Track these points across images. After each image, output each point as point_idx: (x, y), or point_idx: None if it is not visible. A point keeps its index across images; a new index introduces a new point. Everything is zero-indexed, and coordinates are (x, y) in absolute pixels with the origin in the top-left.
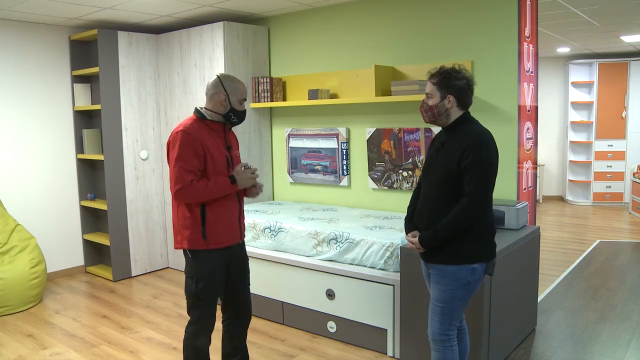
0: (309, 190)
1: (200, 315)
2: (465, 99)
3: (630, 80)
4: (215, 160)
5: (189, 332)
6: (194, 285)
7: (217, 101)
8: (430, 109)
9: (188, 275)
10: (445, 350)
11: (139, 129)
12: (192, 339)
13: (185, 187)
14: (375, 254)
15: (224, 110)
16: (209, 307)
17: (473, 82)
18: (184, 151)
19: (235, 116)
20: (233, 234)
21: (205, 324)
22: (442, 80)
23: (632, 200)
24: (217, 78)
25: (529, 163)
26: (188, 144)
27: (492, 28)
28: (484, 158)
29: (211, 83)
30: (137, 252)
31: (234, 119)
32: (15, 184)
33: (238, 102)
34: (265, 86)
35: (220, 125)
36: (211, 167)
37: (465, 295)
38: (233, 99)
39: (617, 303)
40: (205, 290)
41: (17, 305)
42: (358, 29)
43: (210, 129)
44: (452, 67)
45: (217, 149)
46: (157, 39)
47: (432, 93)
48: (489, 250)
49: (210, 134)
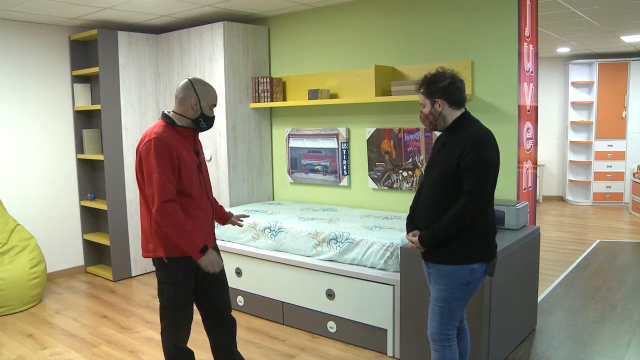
0: (309, 190)
1: (179, 317)
2: (453, 97)
3: (630, 80)
4: (188, 167)
5: (168, 334)
6: (172, 290)
7: (188, 105)
8: (427, 117)
9: (164, 282)
10: (444, 350)
11: (139, 129)
12: (173, 339)
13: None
14: (375, 254)
15: (194, 114)
16: (187, 307)
17: (458, 80)
18: (161, 160)
19: (205, 122)
20: (208, 238)
21: (184, 324)
22: (427, 87)
23: (632, 200)
24: (188, 81)
25: (529, 163)
26: (164, 153)
27: (492, 28)
28: (482, 157)
29: (181, 86)
30: (137, 252)
31: (203, 124)
32: (15, 184)
33: (209, 108)
34: (265, 86)
35: (190, 130)
36: (185, 174)
37: (465, 295)
38: (204, 104)
39: (617, 303)
40: (185, 293)
41: (17, 305)
42: (358, 29)
43: (180, 134)
44: (435, 71)
45: (189, 156)
46: (157, 39)
47: (423, 102)
48: (489, 251)
49: (181, 140)
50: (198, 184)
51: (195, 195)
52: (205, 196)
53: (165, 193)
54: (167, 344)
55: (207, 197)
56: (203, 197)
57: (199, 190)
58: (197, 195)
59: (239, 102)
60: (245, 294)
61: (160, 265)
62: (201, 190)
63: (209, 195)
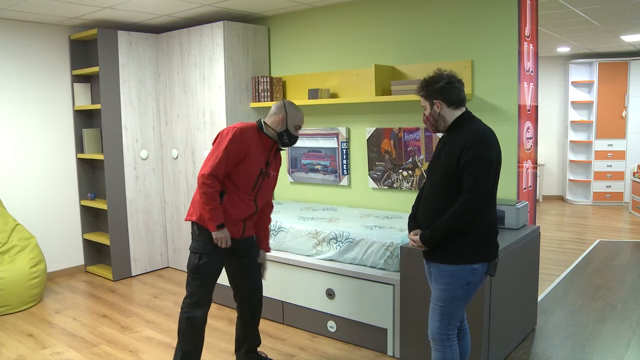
0: (309, 190)
1: (198, 289)
2: (451, 97)
3: (630, 79)
4: (252, 165)
5: (185, 305)
6: (197, 259)
7: (277, 120)
8: (428, 119)
9: (192, 251)
10: (445, 350)
11: (139, 128)
12: (188, 312)
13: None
14: (375, 254)
15: (280, 128)
16: (208, 282)
17: (456, 80)
18: (231, 146)
19: (288, 137)
20: (235, 228)
21: (201, 298)
22: (425, 89)
23: (632, 200)
24: (282, 102)
25: (529, 162)
26: (237, 141)
27: (492, 28)
28: (482, 155)
29: (277, 104)
30: (137, 252)
31: (285, 139)
32: (15, 183)
33: (294, 127)
34: (265, 86)
35: (271, 142)
36: (244, 169)
37: (466, 295)
38: (290, 122)
39: (617, 303)
40: (206, 266)
41: (17, 305)
42: (358, 28)
43: (262, 141)
44: (433, 73)
45: (258, 159)
46: (157, 38)
47: (424, 104)
48: (491, 251)
49: (259, 145)
50: (252, 185)
51: (244, 191)
52: (253, 199)
53: (217, 169)
54: (182, 315)
55: (255, 201)
56: (250, 197)
57: (249, 191)
58: (246, 192)
59: (239, 101)
60: None
61: (193, 234)
62: (251, 192)
63: (257, 200)
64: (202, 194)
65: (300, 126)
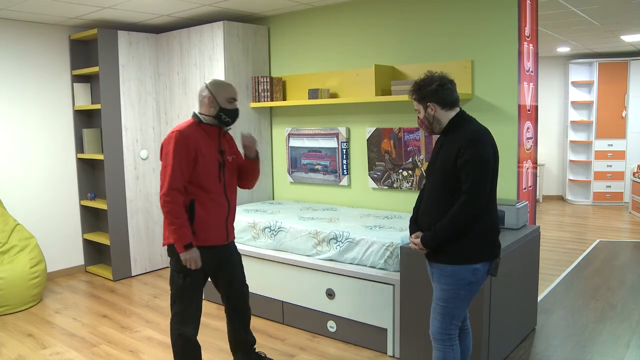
0: (309, 190)
1: (187, 307)
2: (445, 99)
3: (630, 79)
4: (207, 160)
5: (175, 322)
6: (181, 280)
7: (206, 104)
8: (422, 122)
9: (175, 270)
10: (446, 350)
11: (139, 128)
12: (179, 328)
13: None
14: (375, 254)
15: (214, 111)
16: (195, 299)
17: (447, 81)
18: (177, 153)
19: (226, 115)
20: (219, 234)
21: (191, 315)
22: (417, 93)
23: (632, 200)
24: (204, 84)
25: (529, 162)
26: (182, 145)
27: (492, 28)
28: (478, 156)
29: (200, 90)
30: (137, 252)
31: (225, 118)
32: (15, 183)
33: (226, 101)
34: (265, 86)
35: (215, 129)
36: (202, 168)
37: (468, 295)
38: (220, 99)
39: (617, 303)
40: (193, 284)
41: (17, 305)
42: (358, 28)
43: (206, 132)
44: (424, 76)
45: (210, 153)
46: (157, 38)
47: (417, 108)
48: (492, 250)
49: (205, 138)
50: (217, 180)
51: (212, 190)
52: (222, 192)
53: (174, 181)
54: (173, 333)
55: (225, 194)
56: (220, 192)
57: (216, 186)
58: (213, 189)
59: (239, 101)
60: None
61: (172, 254)
62: (219, 186)
63: (227, 192)
64: (166, 214)
65: (234, 98)
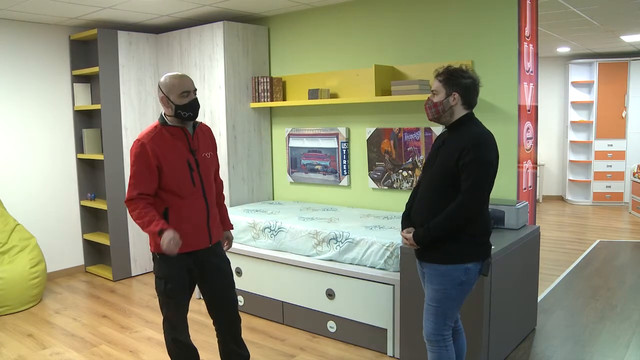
0: (309, 190)
1: (172, 312)
2: (470, 97)
3: (630, 80)
4: (175, 165)
5: (167, 327)
6: (163, 285)
7: (164, 104)
8: (435, 106)
9: (157, 276)
10: (440, 350)
11: (139, 128)
12: (172, 333)
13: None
14: (375, 254)
15: (172, 110)
16: (180, 304)
17: (479, 83)
18: (137, 163)
19: (184, 110)
20: (200, 238)
21: (178, 319)
22: (448, 77)
23: (632, 200)
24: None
25: (529, 163)
26: (141, 156)
27: (492, 28)
28: (482, 158)
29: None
30: (137, 252)
31: (184, 114)
32: (15, 183)
33: (179, 97)
34: (265, 86)
35: (179, 129)
36: (169, 174)
37: (459, 295)
38: (173, 97)
39: (617, 303)
40: (174, 290)
41: (17, 305)
42: (358, 29)
43: (172, 134)
44: (459, 66)
45: (177, 156)
46: (157, 38)
47: (438, 90)
48: (483, 250)
49: (170, 141)
50: (190, 183)
51: (185, 194)
52: (200, 195)
53: (130, 191)
54: (166, 338)
55: (204, 195)
56: (197, 196)
57: (190, 189)
58: (187, 194)
59: (239, 101)
60: (245, 294)
61: (154, 260)
62: (194, 189)
63: (206, 194)
64: (134, 218)
65: (188, 91)
